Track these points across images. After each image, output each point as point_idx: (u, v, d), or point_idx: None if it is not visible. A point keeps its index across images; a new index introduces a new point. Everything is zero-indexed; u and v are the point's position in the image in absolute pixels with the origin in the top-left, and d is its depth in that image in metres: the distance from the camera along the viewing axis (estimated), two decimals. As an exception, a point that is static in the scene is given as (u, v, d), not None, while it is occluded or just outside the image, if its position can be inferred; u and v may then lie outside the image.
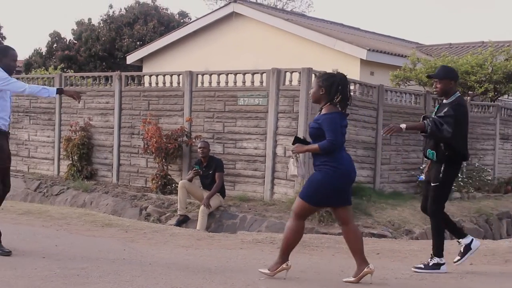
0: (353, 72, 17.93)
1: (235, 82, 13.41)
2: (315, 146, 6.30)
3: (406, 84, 18.86)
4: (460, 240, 7.35)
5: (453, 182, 7.44)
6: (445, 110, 7.02)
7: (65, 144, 15.56)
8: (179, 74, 14.19)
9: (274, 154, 12.69)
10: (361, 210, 12.21)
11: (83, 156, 15.40)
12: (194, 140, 13.49)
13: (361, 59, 19.18)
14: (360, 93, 13.73)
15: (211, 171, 12.09)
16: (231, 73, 13.52)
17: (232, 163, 13.20)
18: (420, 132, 7.22)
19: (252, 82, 13.06)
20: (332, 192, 6.32)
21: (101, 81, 15.97)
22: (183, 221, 11.84)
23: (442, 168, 7.06)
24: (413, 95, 15.52)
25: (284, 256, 6.49)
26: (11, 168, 7.49)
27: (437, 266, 7.16)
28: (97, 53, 32.39)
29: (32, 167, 16.95)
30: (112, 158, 15.22)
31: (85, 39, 32.95)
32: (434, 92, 8.04)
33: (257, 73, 13.11)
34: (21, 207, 11.13)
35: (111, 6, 34.38)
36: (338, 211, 6.55)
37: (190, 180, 12.20)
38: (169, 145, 13.30)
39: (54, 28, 72.42)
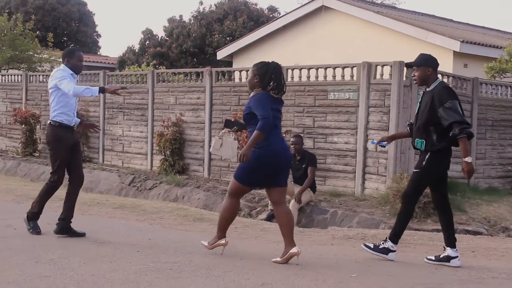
0: (445, 64, 17.48)
1: (325, 77, 13.31)
2: (256, 133, 6.47)
3: (501, 77, 18.27)
4: (446, 247, 7.20)
5: (437, 172, 7.10)
6: (450, 105, 6.79)
7: (157, 139, 15.84)
8: (269, 69, 14.17)
9: (365, 148, 12.54)
10: (455, 206, 11.84)
11: (175, 151, 15.65)
12: (284, 135, 13.44)
13: (454, 51, 18.70)
14: (454, 86, 13.37)
15: (303, 165, 12.03)
16: (321, 67, 13.43)
17: (323, 157, 13.11)
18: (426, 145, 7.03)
19: (343, 76, 12.94)
20: (263, 173, 6.70)
21: (192, 77, 16.17)
22: (274, 216, 11.82)
23: (427, 156, 6.97)
24: (509, 88, 15.00)
25: (221, 232, 7.03)
26: (106, 162, 7.95)
27: (386, 250, 7.16)
28: (188, 49, 32.79)
29: (126, 161, 17.32)
30: (203, 153, 15.39)
31: (176, 35, 33.43)
32: (414, 82, 7.80)
33: (348, 67, 12.97)
34: (115, 201, 11.40)
35: (201, 3, 34.80)
36: (270, 192, 6.91)
37: None
38: (257, 140, 13.29)
39: (146, 25, 74.10)
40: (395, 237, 7.26)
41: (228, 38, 32.23)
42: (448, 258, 7.10)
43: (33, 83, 20.40)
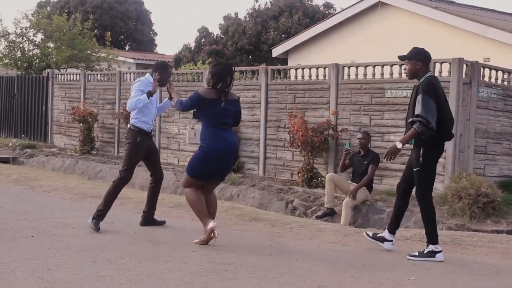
0: (507, 60, 17.08)
1: (382, 74, 13.13)
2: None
3: None
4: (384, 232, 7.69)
5: (436, 165, 7.35)
6: (419, 99, 6.93)
7: (213, 137, 15.83)
8: (325, 67, 14.08)
9: (423, 147, 12.30)
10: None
11: (230, 150, 15.63)
12: (340, 134, 13.35)
13: (518, 47, 18.22)
14: (515, 82, 13.05)
15: (366, 162, 11.87)
16: (378, 65, 13.25)
17: (380, 157, 12.93)
18: (416, 139, 7.13)
19: (400, 74, 12.72)
20: (206, 167, 7.42)
21: (247, 75, 16.17)
22: (329, 214, 11.74)
23: (421, 152, 7.04)
24: None
25: (203, 221, 7.40)
26: (162, 161, 8.29)
27: (432, 254, 7.16)
28: (243, 46, 32.89)
29: (182, 160, 17.40)
30: (258, 151, 15.36)
31: (231, 33, 33.56)
32: (405, 75, 7.93)
33: (405, 64, 12.72)
34: (171, 200, 11.47)
35: (256, 0, 34.73)
36: (209, 183, 7.68)
37: (342, 164, 12.31)
38: (315, 138, 13.22)
39: (202, 23, 74.50)
40: (432, 238, 7.27)
41: (283, 35, 32.18)
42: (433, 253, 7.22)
43: (91, 82, 20.66)
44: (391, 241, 7.66)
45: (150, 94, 8.26)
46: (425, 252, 7.22)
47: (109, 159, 18.15)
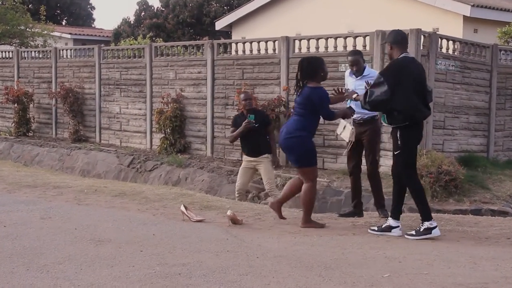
0: (455, 30, 16.73)
1: (335, 47, 12.50)
2: None
3: (515, 42, 17.51)
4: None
5: (416, 144, 7.31)
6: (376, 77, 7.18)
7: (157, 116, 15.07)
8: (275, 40, 13.38)
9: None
10: (477, 183, 11.19)
11: (175, 129, 14.89)
12: (292, 111, 12.67)
13: (464, 16, 17.92)
14: (472, 53, 12.58)
15: (257, 124, 10.42)
16: (331, 37, 12.61)
17: (333, 134, 12.31)
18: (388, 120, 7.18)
19: (354, 46, 12.10)
20: None
21: (192, 50, 15.35)
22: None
23: (398, 134, 7.03)
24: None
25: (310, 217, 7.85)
26: (103, 142, 7.58)
27: (428, 230, 7.14)
28: (185, 20, 32.00)
29: (125, 141, 16.57)
30: (205, 131, 14.63)
31: (172, 6, 32.63)
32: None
33: (360, 36, 12.15)
34: (115, 187, 10.60)
35: (197, -29, 33.75)
36: None
37: (236, 138, 10.65)
38: (266, 116, 12.53)
39: (141, -4, 72.62)
40: (426, 215, 7.20)
41: (226, 8, 31.40)
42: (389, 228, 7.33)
43: (26, 60, 19.57)
44: (398, 226, 7.42)
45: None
46: (421, 230, 7.16)
47: (47, 141, 17.21)
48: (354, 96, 7.68)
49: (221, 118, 14.30)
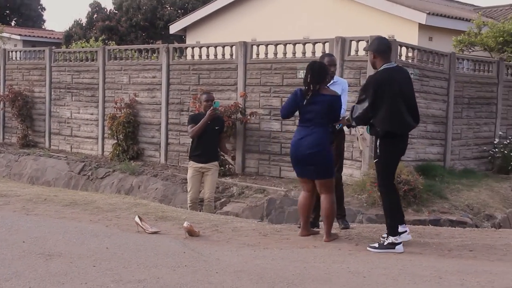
0: (410, 37, 16.74)
1: (294, 53, 12.30)
2: None
3: (470, 50, 17.61)
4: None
5: (396, 156, 7.10)
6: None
7: (109, 122, 14.68)
8: (232, 45, 13.13)
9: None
10: (435, 193, 11.10)
11: (128, 135, 14.52)
12: (249, 117, 12.46)
13: (419, 24, 17.96)
14: (431, 62, 12.52)
15: (217, 127, 9.96)
16: (289, 43, 12.41)
17: (290, 141, 12.14)
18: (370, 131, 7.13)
19: (313, 53, 11.94)
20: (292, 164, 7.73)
21: (147, 54, 15.00)
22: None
23: (378, 143, 6.97)
24: (485, 63, 14.23)
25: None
26: (53, 147, 7.05)
27: (392, 245, 6.99)
28: (138, 23, 31.56)
29: (75, 146, 16.12)
30: (159, 137, 14.29)
31: (125, 8, 32.16)
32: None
33: (319, 42, 11.97)
34: (65, 196, 10.18)
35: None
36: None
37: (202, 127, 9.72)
38: (222, 122, 12.26)
39: (93, -2, 71.73)
40: (392, 230, 7.05)
41: (180, 11, 31.03)
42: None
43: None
44: (406, 231, 7.23)
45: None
46: (385, 244, 6.99)
47: (-7, 147, 16.61)
48: (347, 118, 7.45)
49: (176, 124, 13.98)
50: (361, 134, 8.00)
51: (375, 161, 7.08)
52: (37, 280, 5.47)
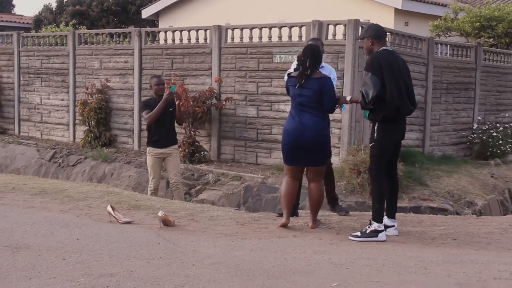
0: (386, 22, 16.55)
1: (270, 37, 12.04)
2: None
3: (446, 35, 17.49)
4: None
5: (392, 141, 7.04)
6: (362, 75, 7.02)
7: (80, 108, 14.33)
8: (206, 29, 12.83)
9: (316, 117, 11.37)
10: (415, 180, 10.93)
11: (100, 121, 14.18)
12: (224, 103, 12.19)
13: (395, 8, 17.81)
14: (409, 46, 12.32)
15: (171, 109, 9.51)
16: (265, 27, 12.13)
17: (268, 127, 11.90)
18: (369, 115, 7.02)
19: (290, 37, 11.67)
20: (283, 151, 7.38)
21: (118, 39, 14.64)
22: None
23: (376, 127, 6.93)
24: (463, 48, 14.09)
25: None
26: (22, 134, 6.62)
27: (375, 233, 6.88)
28: (110, 7, 31.01)
29: (46, 133, 15.73)
30: (132, 123, 13.98)
31: (97, -8, 31.55)
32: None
33: (295, 26, 11.71)
34: (34, 185, 9.82)
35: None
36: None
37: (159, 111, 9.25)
38: (196, 108, 12.01)
39: (63, -18, 70.79)
40: (377, 216, 6.93)
41: (152, -4, 30.55)
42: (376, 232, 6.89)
43: None
44: (393, 226, 7.22)
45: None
46: (368, 231, 6.89)
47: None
48: (348, 99, 7.41)
49: (149, 110, 13.68)
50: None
51: (370, 145, 7.04)
52: (3, 275, 5.17)
